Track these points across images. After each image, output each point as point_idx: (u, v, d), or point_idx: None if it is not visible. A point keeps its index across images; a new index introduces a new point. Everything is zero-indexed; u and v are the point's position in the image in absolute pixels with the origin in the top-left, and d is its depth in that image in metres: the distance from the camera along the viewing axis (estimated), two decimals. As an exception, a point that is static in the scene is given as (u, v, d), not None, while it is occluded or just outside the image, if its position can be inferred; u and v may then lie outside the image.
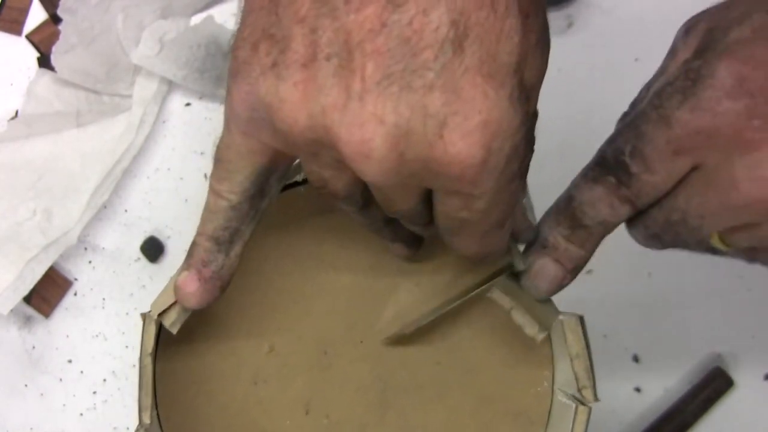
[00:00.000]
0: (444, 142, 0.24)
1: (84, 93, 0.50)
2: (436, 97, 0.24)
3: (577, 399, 0.32)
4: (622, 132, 0.29)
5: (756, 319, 0.48)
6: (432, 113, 0.24)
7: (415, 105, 0.24)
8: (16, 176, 0.48)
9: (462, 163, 0.25)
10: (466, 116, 0.24)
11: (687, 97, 0.27)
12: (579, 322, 0.32)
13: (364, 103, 0.24)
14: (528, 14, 0.25)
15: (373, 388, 0.34)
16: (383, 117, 0.24)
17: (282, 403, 0.34)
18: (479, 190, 0.26)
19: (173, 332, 0.31)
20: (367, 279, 0.35)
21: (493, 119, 0.24)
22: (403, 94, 0.24)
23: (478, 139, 0.24)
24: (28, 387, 0.47)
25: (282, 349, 0.34)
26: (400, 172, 0.25)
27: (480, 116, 0.24)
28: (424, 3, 0.23)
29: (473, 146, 0.24)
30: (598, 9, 0.51)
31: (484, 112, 0.24)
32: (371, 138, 0.24)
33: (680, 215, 0.29)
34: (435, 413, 0.34)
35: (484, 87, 0.24)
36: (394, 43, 0.23)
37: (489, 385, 0.35)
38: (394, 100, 0.24)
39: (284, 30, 0.25)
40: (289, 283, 0.34)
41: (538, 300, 0.32)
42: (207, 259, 0.30)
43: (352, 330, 0.34)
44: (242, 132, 0.28)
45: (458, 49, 0.24)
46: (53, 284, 0.48)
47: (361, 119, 0.24)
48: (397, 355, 0.34)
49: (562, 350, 0.33)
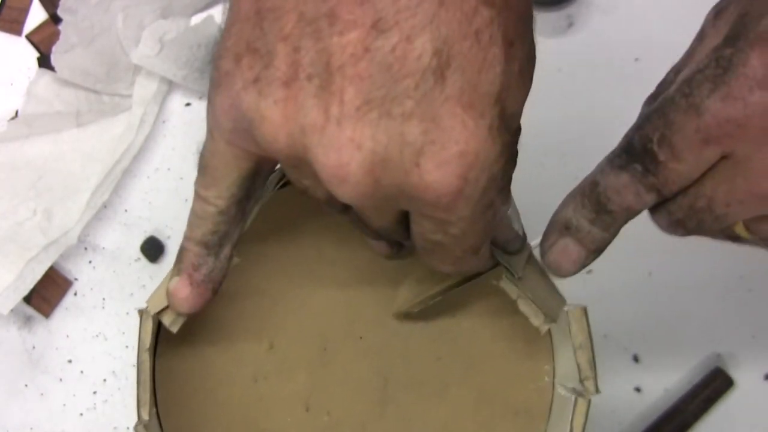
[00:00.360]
0: (420, 170, 0.24)
1: (84, 93, 0.50)
2: (415, 125, 0.24)
3: (577, 391, 0.32)
4: (650, 118, 0.28)
5: (756, 319, 0.48)
6: (410, 141, 0.24)
7: (394, 132, 0.24)
8: (16, 176, 0.48)
9: (436, 191, 0.25)
10: (443, 146, 0.24)
11: (718, 85, 0.26)
12: (583, 312, 0.32)
13: (342, 128, 0.24)
14: (512, 42, 0.24)
15: (373, 384, 0.34)
16: (361, 143, 0.24)
17: (282, 400, 0.34)
18: (454, 217, 0.26)
19: (173, 331, 0.31)
20: (366, 275, 0.35)
21: (471, 150, 0.24)
22: (382, 120, 0.24)
23: (454, 169, 0.24)
24: (28, 387, 0.47)
25: (282, 345, 0.34)
26: (376, 196, 0.25)
27: (457, 146, 0.24)
28: (408, 30, 0.23)
29: (449, 176, 0.24)
30: (598, 9, 0.51)
31: (462, 142, 0.24)
32: (348, 163, 0.24)
33: (706, 202, 0.28)
34: (436, 409, 0.34)
35: (463, 117, 0.24)
36: (376, 69, 0.23)
37: (490, 381, 0.35)
38: (373, 127, 0.24)
39: (268, 45, 0.25)
40: (288, 280, 0.34)
41: (559, 276, 0.32)
42: (197, 264, 0.30)
43: (351, 326, 0.34)
44: (226, 140, 0.28)
45: (440, 78, 0.24)
46: (53, 284, 0.48)
47: (339, 143, 0.24)
48: (397, 351, 0.34)
49: (564, 342, 0.33)
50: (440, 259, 0.29)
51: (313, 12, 0.24)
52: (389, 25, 0.23)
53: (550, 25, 0.50)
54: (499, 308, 0.35)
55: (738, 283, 0.49)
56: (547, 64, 0.50)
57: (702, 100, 0.27)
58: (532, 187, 0.49)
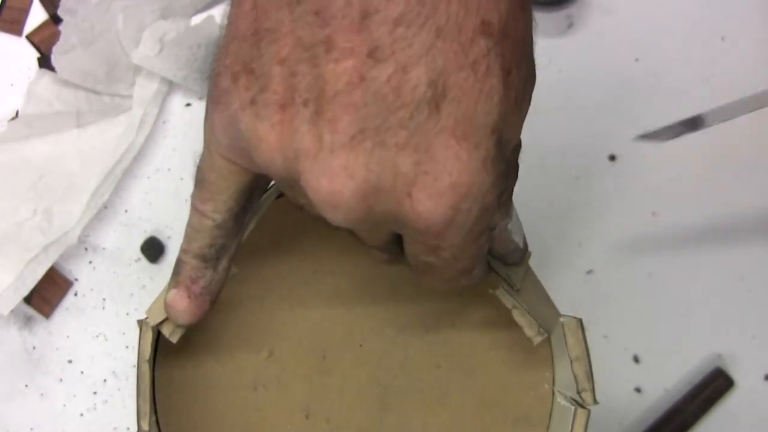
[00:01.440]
0: (412, 200, 0.24)
1: (84, 93, 0.50)
2: (408, 155, 0.24)
3: (576, 402, 0.32)
4: None
5: (756, 319, 0.48)
6: (403, 171, 0.24)
7: (387, 162, 0.24)
8: (16, 176, 0.48)
9: (427, 221, 0.25)
10: (436, 177, 0.24)
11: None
12: (579, 324, 0.32)
13: (335, 156, 0.24)
14: (510, 71, 0.24)
15: (372, 392, 0.34)
16: (354, 171, 0.24)
17: (282, 409, 0.34)
18: (446, 244, 0.26)
19: (173, 341, 0.31)
20: (366, 284, 0.35)
21: (463, 182, 0.24)
22: (375, 150, 0.24)
23: (446, 201, 0.24)
24: (29, 387, 0.47)
25: (281, 354, 0.34)
26: (368, 221, 0.25)
27: (450, 178, 0.24)
28: (404, 60, 0.23)
29: (441, 207, 0.24)
30: (598, 9, 0.51)
31: (455, 174, 0.24)
32: (340, 191, 0.24)
33: None
34: (435, 417, 0.34)
35: (456, 149, 0.24)
36: (371, 98, 0.23)
37: (489, 388, 0.35)
38: (366, 156, 0.24)
39: (265, 67, 0.25)
40: (287, 289, 0.34)
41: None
42: (195, 276, 0.30)
43: (351, 335, 0.34)
44: (223, 156, 0.28)
45: (434, 110, 0.23)
46: (53, 284, 0.48)
47: (332, 171, 0.24)
48: (396, 359, 0.34)
49: (562, 352, 0.33)
50: (432, 279, 0.29)
51: (310, 38, 0.24)
52: (385, 55, 0.23)
53: (550, 25, 0.50)
54: (498, 316, 0.35)
55: (738, 283, 0.49)
56: (547, 64, 0.50)
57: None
58: (533, 187, 0.49)
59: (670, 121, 0.48)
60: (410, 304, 0.35)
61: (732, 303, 0.48)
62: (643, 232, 0.50)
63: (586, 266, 0.49)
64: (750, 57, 0.50)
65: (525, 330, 0.34)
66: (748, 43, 0.50)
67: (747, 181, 0.49)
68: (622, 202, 0.49)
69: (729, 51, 0.50)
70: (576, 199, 0.49)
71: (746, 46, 0.50)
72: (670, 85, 0.50)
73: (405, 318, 0.35)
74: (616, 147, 0.50)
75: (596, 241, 0.49)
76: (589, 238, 0.49)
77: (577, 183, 0.49)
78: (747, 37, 0.50)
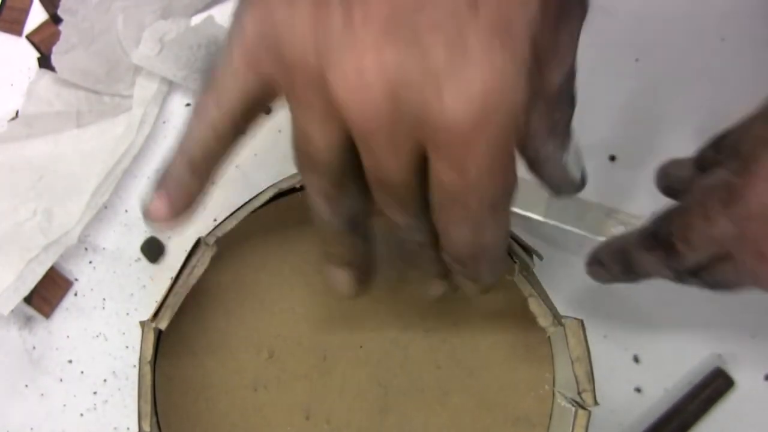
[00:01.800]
0: (441, 99, 0.24)
1: (84, 93, 0.50)
2: (441, 52, 0.23)
3: (576, 403, 0.32)
4: (672, 217, 0.35)
5: (756, 319, 0.48)
6: (434, 68, 0.24)
7: (419, 57, 0.24)
8: (16, 176, 0.48)
9: (455, 123, 0.24)
10: (468, 79, 0.24)
11: (726, 206, 0.32)
12: (580, 325, 0.32)
13: (367, 47, 0.24)
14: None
15: (373, 392, 0.34)
16: (385, 64, 0.24)
17: (282, 409, 0.34)
18: (471, 155, 0.25)
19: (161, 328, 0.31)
20: None
21: (495, 88, 0.24)
22: (409, 44, 0.24)
23: (476, 105, 0.24)
24: (29, 387, 0.47)
25: (281, 355, 0.34)
26: (392, 121, 0.25)
27: (482, 83, 0.23)
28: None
29: (469, 108, 0.24)
30: (598, 9, 0.51)
31: (488, 79, 0.24)
32: (370, 84, 0.24)
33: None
34: (436, 417, 0.34)
35: (491, 53, 0.23)
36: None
37: (489, 388, 0.35)
38: (399, 49, 0.24)
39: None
40: (287, 289, 0.34)
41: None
42: (179, 182, 0.30)
43: (351, 335, 0.34)
44: (245, 59, 0.28)
45: (473, 9, 0.23)
46: (54, 284, 0.48)
47: (363, 62, 0.24)
48: (396, 360, 0.34)
49: (563, 352, 0.33)
50: (459, 221, 0.28)
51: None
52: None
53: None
54: (499, 316, 0.35)
55: (738, 283, 0.49)
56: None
57: (715, 214, 0.32)
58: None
59: (670, 121, 0.48)
60: (410, 304, 0.35)
61: (732, 303, 0.48)
62: (643, 232, 0.50)
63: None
64: (750, 57, 0.50)
65: (539, 320, 0.33)
66: (748, 43, 0.50)
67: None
68: (622, 202, 0.49)
69: (729, 51, 0.50)
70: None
71: (746, 46, 0.50)
72: (670, 85, 0.50)
73: (405, 318, 0.35)
74: (616, 147, 0.50)
75: (596, 242, 0.49)
76: (589, 238, 0.49)
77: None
78: (747, 37, 0.50)
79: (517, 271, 0.34)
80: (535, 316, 0.33)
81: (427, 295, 0.31)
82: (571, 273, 0.48)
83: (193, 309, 0.33)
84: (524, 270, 0.33)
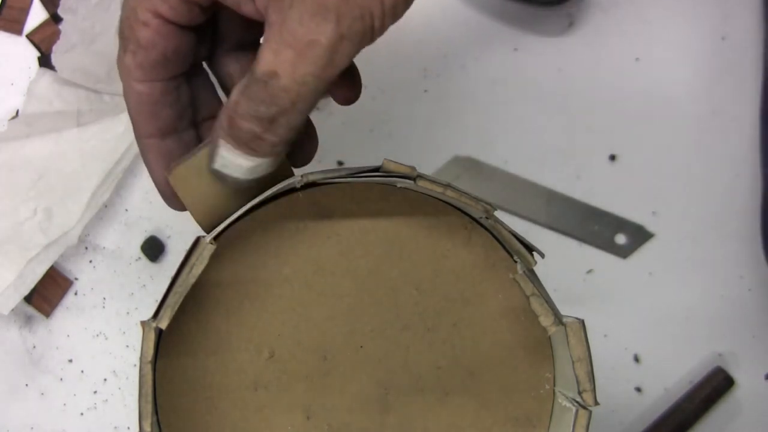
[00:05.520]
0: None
1: (85, 92, 0.50)
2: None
3: (577, 402, 0.32)
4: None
5: (756, 319, 0.48)
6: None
7: None
8: (17, 176, 0.48)
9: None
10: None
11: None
12: (581, 325, 0.32)
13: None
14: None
15: (373, 393, 0.34)
16: None
17: (282, 410, 0.34)
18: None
19: None
20: (366, 284, 0.34)
21: None
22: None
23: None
24: (29, 386, 0.47)
25: (282, 355, 0.34)
26: None
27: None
28: None
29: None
30: (598, 8, 0.51)
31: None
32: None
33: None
34: (436, 417, 0.34)
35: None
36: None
37: (490, 389, 0.34)
38: None
39: None
40: (287, 289, 0.34)
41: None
42: (166, 155, 0.32)
43: (351, 335, 0.34)
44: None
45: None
46: (54, 284, 0.48)
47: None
48: (397, 360, 0.34)
49: (563, 352, 0.33)
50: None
51: None
52: None
53: (550, 24, 0.50)
54: (499, 316, 0.35)
55: (738, 283, 0.49)
56: (547, 64, 0.50)
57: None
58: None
59: (670, 121, 0.48)
60: (410, 304, 0.35)
61: (732, 303, 0.48)
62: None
63: (586, 266, 0.49)
64: (750, 57, 0.50)
65: (541, 319, 0.33)
66: (748, 43, 0.50)
67: (748, 180, 0.49)
68: (622, 202, 0.49)
69: (729, 51, 0.50)
70: (576, 198, 0.49)
71: (746, 46, 0.50)
72: (670, 85, 0.50)
73: (405, 318, 0.35)
74: (616, 147, 0.50)
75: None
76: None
77: (577, 182, 0.49)
78: (747, 37, 0.50)
79: (519, 269, 0.34)
80: (537, 316, 0.33)
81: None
82: (572, 273, 0.48)
83: (193, 309, 0.33)
84: (526, 268, 0.33)
